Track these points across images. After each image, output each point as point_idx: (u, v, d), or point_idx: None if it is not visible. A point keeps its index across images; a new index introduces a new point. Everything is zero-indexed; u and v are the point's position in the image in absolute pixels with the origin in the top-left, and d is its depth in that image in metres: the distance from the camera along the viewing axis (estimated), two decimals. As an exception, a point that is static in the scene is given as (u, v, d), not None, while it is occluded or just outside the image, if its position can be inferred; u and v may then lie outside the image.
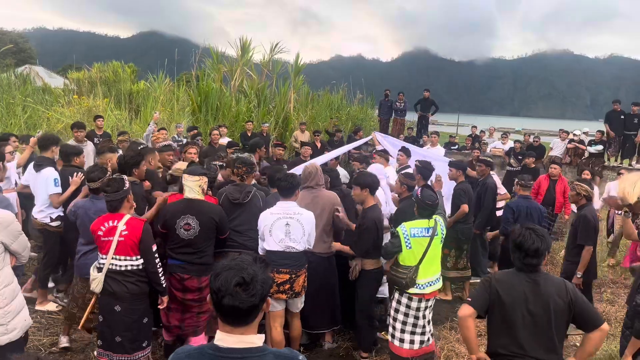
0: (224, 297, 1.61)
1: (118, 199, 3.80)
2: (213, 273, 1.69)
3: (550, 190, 8.59)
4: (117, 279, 3.78)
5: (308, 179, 4.88)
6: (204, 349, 1.71)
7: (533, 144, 13.42)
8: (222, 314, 1.67)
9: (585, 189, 5.37)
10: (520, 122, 67.35)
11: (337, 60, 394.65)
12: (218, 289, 1.63)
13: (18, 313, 3.31)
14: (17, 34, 49.84)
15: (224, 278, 1.63)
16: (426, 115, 16.07)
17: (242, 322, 1.68)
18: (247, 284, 1.63)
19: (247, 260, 1.72)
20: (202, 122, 14.28)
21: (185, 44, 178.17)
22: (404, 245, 4.13)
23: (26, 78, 15.54)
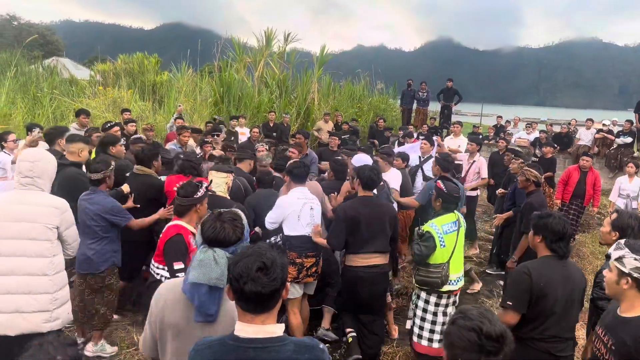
0: (245, 283, 1.61)
1: (186, 205, 3.37)
2: (231, 262, 1.70)
3: (580, 182, 8.42)
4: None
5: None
6: (224, 339, 1.71)
7: (561, 132, 13.15)
8: (244, 300, 1.67)
9: (535, 174, 5.34)
10: (545, 111, 65.96)
11: (359, 50, 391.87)
12: (239, 275, 1.63)
13: (64, 303, 3.33)
14: (45, 26, 50.83)
15: (244, 264, 1.64)
16: (449, 105, 15.90)
17: (265, 309, 1.68)
18: (268, 268, 1.64)
19: (264, 247, 1.73)
20: (224, 112, 14.37)
21: (208, 34, 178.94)
22: (439, 244, 3.99)
23: (53, 70, 15.85)
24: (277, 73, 16.92)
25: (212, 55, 17.72)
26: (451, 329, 1.66)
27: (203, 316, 2.02)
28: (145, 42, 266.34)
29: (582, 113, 33.39)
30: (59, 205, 3.27)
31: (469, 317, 1.63)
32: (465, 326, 1.60)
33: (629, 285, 2.38)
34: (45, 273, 3.20)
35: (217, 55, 17.23)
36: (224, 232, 2.07)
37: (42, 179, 3.24)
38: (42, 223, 3.17)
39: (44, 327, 3.19)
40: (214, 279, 1.99)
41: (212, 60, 18.25)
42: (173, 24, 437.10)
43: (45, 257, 3.20)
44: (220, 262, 2.01)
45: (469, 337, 1.58)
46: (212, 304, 2.01)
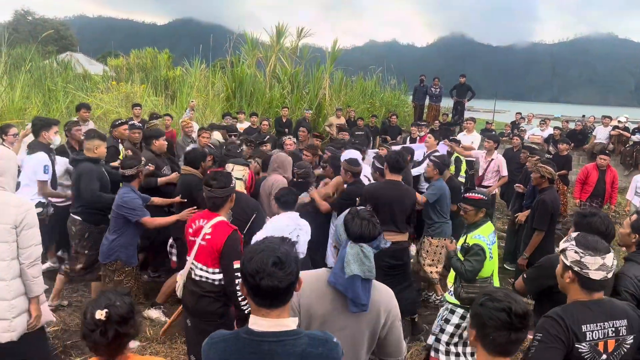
0: (262, 278, 1.62)
1: (222, 197, 3.26)
2: (244, 258, 1.70)
3: (599, 181, 8.32)
4: (192, 289, 3.30)
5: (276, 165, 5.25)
6: (239, 333, 1.72)
7: (576, 129, 12.97)
8: (260, 296, 1.67)
9: (549, 171, 5.26)
10: (559, 108, 65.31)
11: (371, 46, 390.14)
12: (255, 271, 1.63)
13: (22, 313, 3.12)
14: (59, 21, 51.18)
15: (259, 260, 1.64)
16: (462, 101, 15.77)
17: (280, 303, 1.69)
18: (283, 262, 1.65)
19: (276, 241, 1.75)
20: (236, 108, 14.39)
21: (219, 30, 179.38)
22: (488, 256, 3.80)
23: (67, 65, 15.99)
24: (289, 68, 16.89)
25: (224, 51, 17.76)
26: (481, 310, 1.84)
27: (358, 307, 2.09)
28: (158, 37, 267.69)
29: (597, 110, 32.97)
30: (19, 204, 3.06)
31: (497, 299, 1.82)
32: (495, 307, 1.79)
33: (570, 279, 2.30)
34: (2, 277, 3.00)
35: (229, 51, 17.27)
36: (367, 228, 2.15)
37: (4, 177, 3.06)
38: (1, 223, 2.99)
39: (3, 337, 3.01)
40: (367, 271, 2.07)
41: (224, 56, 18.30)
42: (185, 20, 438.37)
43: (3, 260, 3.00)
44: (369, 255, 2.11)
45: (499, 316, 1.77)
46: (365, 295, 2.09)
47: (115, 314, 1.83)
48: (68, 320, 4.88)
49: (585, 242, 2.26)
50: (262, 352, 1.66)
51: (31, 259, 3.08)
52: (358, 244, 2.13)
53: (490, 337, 1.80)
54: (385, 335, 2.22)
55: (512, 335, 1.78)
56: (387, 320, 2.20)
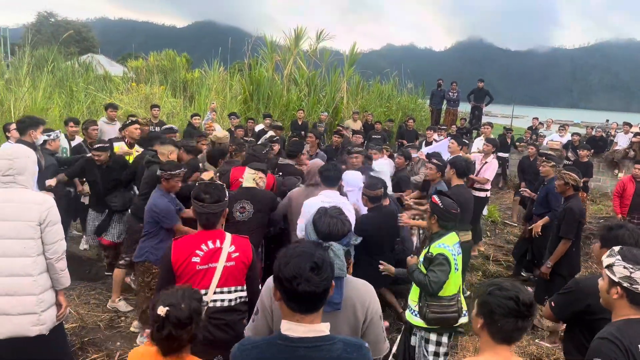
0: (299, 284, 1.61)
1: (218, 212, 2.89)
2: (279, 262, 1.68)
3: (638, 193, 7.73)
4: (223, 319, 2.83)
5: (309, 176, 4.75)
6: (272, 339, 1.71)
7: (596, 135, 12.78)
8: (297, 301, 1.66)
9: (574, 178, 5.07)
10: (579, 114, 64.51)
11: (389, 49, 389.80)
12: (293, 277, 1.61)
13: (50, 307, 3.18)
14: (81, 23, 52.03)
15: (296, 265, 1.63)
16: (480, 106, 15.65)
17: (316, 308, 1.69)
18: (320, 267, 1.64)
19: (310, 246, 1.75)
20: (253, 110, 14.49)
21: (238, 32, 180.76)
22: (453, 268, 3.49)
23: (88, 66, 16.26)
24: (306, 71, 16.94)
25: (243, 53, 17.89)
26: (489, 298, 1.91)
27: (331, 305, 2.06)
28: (177, 39, 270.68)
29: (618, 116, 32.44)
30: (40, 201, 3.11)
31: (505, 288, 1.90)
32: (503, 295, 1.88)
33: (618, 295, 2.24)
34: (29, 273, 3.06)
35: (247, 53, 17.39)
36: (336, 226, 2.14)
37: (24, 175, 3.10)
38: (24, 221, 3.04)
39: (32, 331, 3.07)
40: (338, 269, 2.03)
41: (242, 58, 18.42)
42: (204, 22, 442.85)
43: (29, 257, 3.06)
44: (339, 253, 2.09)
45: (508, 304, 1.85)
46: (337, 293, 2.06)
47: (174, 316, 1.87)
48: (86, 318, 4.95)
49: (632, 257, 2.20)
50: (298, 357, 1.66)
51: (58, 253, 3.15)
52: (328, 242, 2.11)
53: (499, 324, 1.87)
54: (364, 332, 2.16)
55: (519, 322, 1.86)
56: (367, 316, 2.15)
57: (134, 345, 4.54)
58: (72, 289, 5.45)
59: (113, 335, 4.73)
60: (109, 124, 8.02)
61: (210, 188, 2.93)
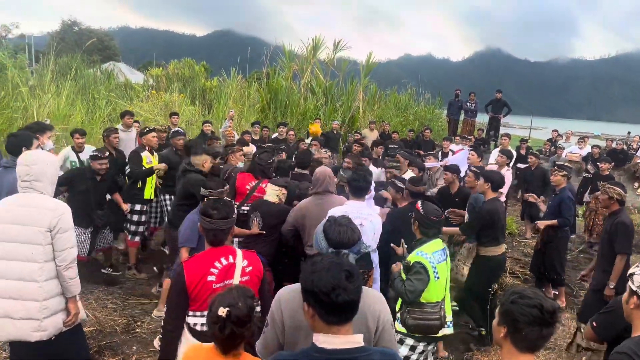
0: (339, 294, 1.60)
1: (226, 229, 2.86)
2: (311, 278, 1.66)
3: None
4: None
5: (316, 184, 4.55)
6: (308, 352, 1.70)
7: (616, 148, 12.60)
8: (337, 313, 1.65)
9: (619, 192, 4.86)
10: (599, 126, 63.62)
11: (406, 59, 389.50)
12: (332, 288, 1.60)
13: (55, 313, 3.18)
14: (103, 32, 52.99)
15: (332, 276, 1.63)
16: (497, 117, 15.54)
17: (352, 317, 1.69)
18: (353, 276, 1.65)
19: (334, 257, 1.75)
20: (270, 118, 14.59)
21: (256, 42, 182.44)
22: (433, 276, 3.46)
23: (110, 74, 16.54)
24: (323, 81, 17.03)
25: (261, 63, 18.06)
26: (512, 307, 1.88)
27: None
28: (197, 48, 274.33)
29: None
30: (53, 207, 3.12)
31: (528, 296, 1.88)
32: (527, 304, 1.85)
33: (635, 305, 2.23)
34: (35, 279, 3.07)
35: (265, 63, 17.55)
36: (346, 235, 2.16)
37: (41, 181, 3.12)
38: (35, 226, 3.06)
39: (33, 336, 3.08)
40: None
41: (260, 67, 18.60)
42: (223, 31, 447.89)
43: (36, 262, 3.07)
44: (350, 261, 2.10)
45: (532, 312, 1.82)
46: None
47: (235, 314, 1.97)
48: (104, 322, 5.01)
49: None
50: None
51: (66, 261, 3.14)
52: (339, 250, 2.11)
53: (523, 332, 1.85)
54: (376, 342, 2.14)
55: (544, 330, 1.84)
56: (378, 325, 2.13)
57: (150, 349, 4.60)
58: (89, 293, 5.55)
59: (129, 339, 4.78)
60: (125, 131, 8.05)
61: (219, 204, 2.90)
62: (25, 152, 3.37)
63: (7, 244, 3.06)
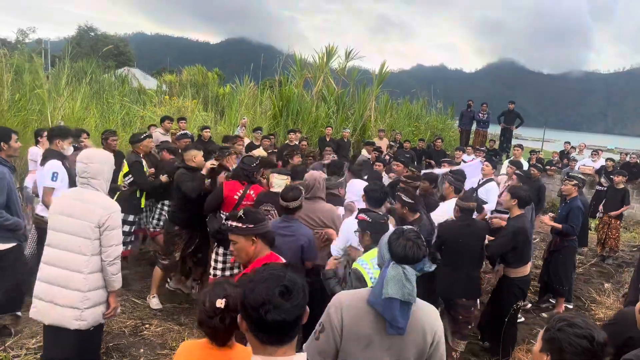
0: (268, 311, 1.44)
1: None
2: (245, 288, 1.52)
3: None
4: None
5: (306, 189, 4.43)
6: None
7: (630, 162, 12.45)
8: (267, 332, 1.49)
9: None
10: (613, 140, 62.97)
11: (419, 70, 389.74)
12: (261, 303, 1.45)
13: (96, 305, 3.36)
14: (119, 38, 53.67)
15: (264, 290, 1.47)
16: (510, 128, 15.46)
17: (288, 339, 1.53)
18: (291, 292, 1.49)
19: (279, 268, 1.58)
20: (282, 125, 14.64)
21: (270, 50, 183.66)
22: (369, 282, 3.42)
23: (124, 79, 16.78)
24: (335, 89, 17.08)
25: (274, 70, 18.17)
26: (559, 335, 1.78)
27: (395, 329, 2.03)
28: (210, 55, 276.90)
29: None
30: (106, 205, 3.33)
31: (577, 325, 1.77)
32: (575, 334, 1.75)
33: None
34: (80, 270, 3.27)
35: (278, 70, 17.65)
36: (412, 250, 2.07)
37: (97, 179, 3.35)
38: (87, 221, 3.26)
39: (73, 324, 3.25)
40: (407, 294, 1.99)
41: (273, 75, 18.71)
42: (237, 39, 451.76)
43: (84, 255, 3.27)
44: (411, 278, 2.02)
45: (581, 343, 1.73)
46: (403, 317, 2.02)
47: (232, 303, 2.00)
48: (112, 324, 5.01)
49: None
50: None
51: (111, 257, 3.34)
52: (401, 265, 2.04)
53: None
54: (429, 356, 2.13)
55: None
56: (434, 340, 2.11)
57: (158, 352, 4.60)
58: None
59: (137, 341, 4.79)
60: (164, 134, 8.36)
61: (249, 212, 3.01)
62: (84, 150, 3.56)
63: (60, 234, 3.29)
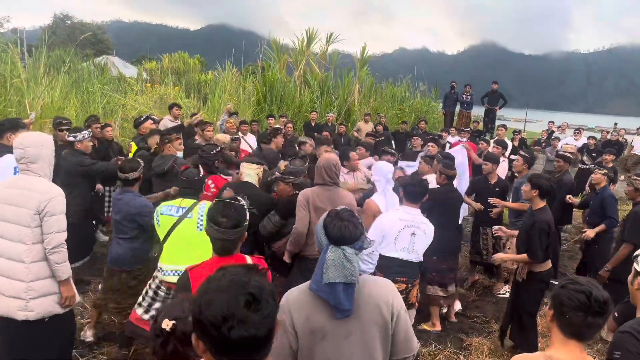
0: (232, 328, 1.16)
1: (236, 239, 2.53)
2: (199, 301, 1.22)
3: None
4: None
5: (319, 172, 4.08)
6: None
7: (611, 139, 12.64)
8: (233, 351, 1.20)
9: None
10: (593, 118, 63.83)
11: (401, 53, 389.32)
12: (223, 319, 1.16)
13: (43, 296, 3.20)
14: (96, 26, 52.60)
15: (224, 302, 1.18)
16: (494, 109, 15.56)
17: (262, 356, 1.26)
18: (259, 301, 1.21)
19: (239, 271, 1.28)
20: (266, 111, 14.55)
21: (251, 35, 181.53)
22: (155, 222, 3.80)
23: (104, 68, 16.44)
24: (318, 73, 17.00)
25: (256, 55, 18.00)
26: (561, 291, 1.90)
27: (342, 312, 1.97)
28: (191, 42, 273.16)
29: (633, 121, 32.03)
30: (44, 190, 3.16)
31: (579, 282, 1.89)
32: (575, 289, 1.86)
33: (638, 285, 2.25)
34: (22, 260, 3.13)
35: (260, 56, 17.49)
36: (348, 230, 2.00)
37: (36, 163, 3.16)
38: (25, 208, 3.11)
39: (18, 315, 3.12)
40: (349, 275, 1.94)
41: (255, 61, 18.54)
42: (217, 26, 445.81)
43: (24, 244, 3.13)
44: (351, 258, 1.98)
45: (578, 297, 1.83)
46: (347, 300, 1.96)
47: (181, 330, 1.63)
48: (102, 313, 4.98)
49: None
50: None
51: (51, 245, 3.15)
52: (340, 247, 2.00)
53: (567, 316, 1.85)
54: (394, 331, 2.05)
55: (589, 318, 1.82)
56: (393, 313, 2.03)
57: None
58: (86, 283, 5.54)
59: (127, 330, 4.76)
60: (173, 122, 8.40)
61: (229, 210, 2.50)
62: (20, 135, 3.41)
63: (1, 223, 3.15)
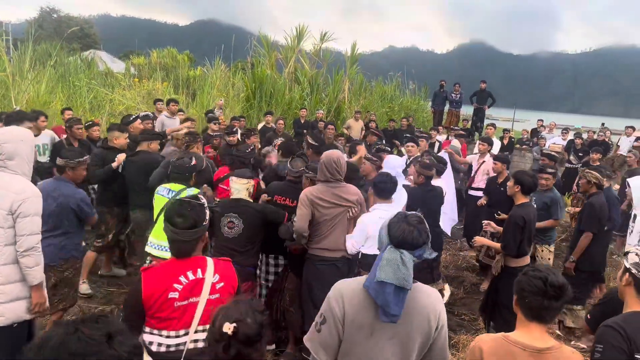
0: None
1: (193, 240, 2.33)
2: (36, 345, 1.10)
3: None
4: None
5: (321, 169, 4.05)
6: None
7: (598, 139, 12.74)
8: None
9: (596, 176, 5.24)
10: (580, 119, 64.49)
11: (390, 51, 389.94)
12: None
13: (15, 300, 3.02)
14: (83, 19, 51.94)
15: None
16: (482, 108, 15.62)
17: None
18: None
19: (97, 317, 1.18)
20: (255, 108, 14.50)
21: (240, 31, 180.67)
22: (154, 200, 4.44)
23: (91, 62, 16.30)
24: (309, 70, 16.96)
25: (245, 52, 17.92)
26: (522, 278, 2.11)
27: (388, 316, 1.92)
28: (180, 37, 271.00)
29: (619, 122, 32.40)
30: (18, 190, 2.94)
31: (538, 270, 2.10)
32: (534, 275, 2.07)
33: (626, 281, 2.32)
34: None
35: (250, 52, 17.41)
36: (412, 235, 1.96)
37: (14, 160, 2.96)
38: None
39: None
40: (402, 279, 1.90)
41: (244, 57, 18.46)
42: (206, 21, 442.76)
43: None
44: (407, 263, 1.93)
45: (536, 283, 2.03)
46: (397, 304, 1.91)
47: (243, 332, 1.62)
48: (86, 310, 4.93)
49: None
50: None
51: (22, 248, 2.97)
52: (398, 249, 1.96)
53: (527, 300, 2.06)
54: (434, 340, 2.05)
55: (546, 302, 2.01)
56: (439, 324, 2.04)
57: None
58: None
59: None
60: (170, 117, 8.35)
61: (186, 209, 2.31)
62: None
63: None
